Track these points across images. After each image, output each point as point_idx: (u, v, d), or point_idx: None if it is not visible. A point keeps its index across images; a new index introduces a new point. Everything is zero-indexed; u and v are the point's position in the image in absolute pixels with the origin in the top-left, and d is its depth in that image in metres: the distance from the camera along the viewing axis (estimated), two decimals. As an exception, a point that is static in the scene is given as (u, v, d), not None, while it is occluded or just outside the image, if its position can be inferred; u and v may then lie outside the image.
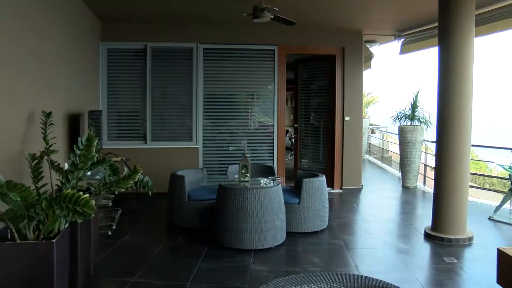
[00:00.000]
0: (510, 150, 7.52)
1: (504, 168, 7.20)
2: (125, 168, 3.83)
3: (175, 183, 6.06)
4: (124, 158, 7.37)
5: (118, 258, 4.90)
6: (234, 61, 8.56)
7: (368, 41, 10.04)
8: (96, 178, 5.02)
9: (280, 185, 5.54)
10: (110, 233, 5.64)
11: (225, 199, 5.25)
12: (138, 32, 8.19)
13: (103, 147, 7.65)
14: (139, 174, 3.64)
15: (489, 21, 7.20)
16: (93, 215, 2.91)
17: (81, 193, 2.92)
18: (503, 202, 6.99)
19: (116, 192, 4.14)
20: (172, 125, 8.50)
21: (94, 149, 3.62)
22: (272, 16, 5.75)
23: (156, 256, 4.98)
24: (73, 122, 6.13)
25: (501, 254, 4.18)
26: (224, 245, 5.24)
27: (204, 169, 7.08)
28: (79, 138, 3.63)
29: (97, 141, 3.70)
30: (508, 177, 7.05)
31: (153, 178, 6.33)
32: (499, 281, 4.22)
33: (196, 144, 8.39)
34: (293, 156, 11.09)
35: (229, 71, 8.54)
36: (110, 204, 6.50)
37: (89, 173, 4.96)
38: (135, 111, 8.41)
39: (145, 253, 5.03)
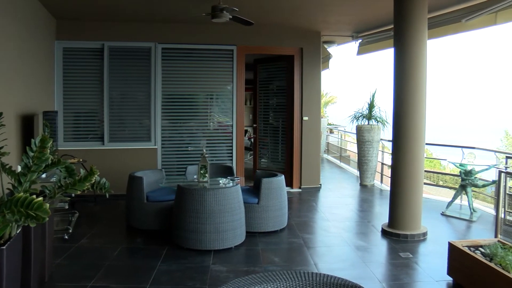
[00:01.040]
0: (461, 148, 7.79)
1: (455, 165, 7.44)
2: (82, 170, 3.74)
3: (133, 184, 5.98)
4: (81, 160, 7.21)
5: (74, 262, 4.77)
6: (193, 61, 8.50)
7: (326, 42, 10.17)
8: (51, 180, 4.89)
9: (239, 185, 5.55)
10: (66, 237, 5.50)
11: (184, 199, 5.21)
12: (95, 31, 8.00)
13: (59, 148, 7.46)
14: (96, 176, 3.57)
15: (441, 24, 7.45)
16: (47, 218, 2.83)
17: (34, 196, 2.83)
18: (454, 198, 7.25)
19: (73, 195, 4.04)
20: (131, 126, 8.36)
21: (49, 150, 3.51)
22: (231, 16, 5.75)
23: (115, 259, 4.89)
24: (27, 123, 5.94)
25: (451, 248, 4.38)
26: (183, 246, 5.21)
27: (163, 170, 7.01)
28: (33, 140, 3.52)
29: (51, 142, 3.59)
30: (459, 174, 7.30)
31: (111, 179, 6.20)
32: (449, 273, 4.43)
33: (155, 145, 8.29)
34: (252, 156, 11.12)
35: (188, 71, 8.47)
36: (67, 207, 6.35)
37: (44, 175, 4.83)
38: (92, 111, 8.23)
39: (103, 257, 4.93)
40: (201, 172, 5.81)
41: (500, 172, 5.55)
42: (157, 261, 4.80)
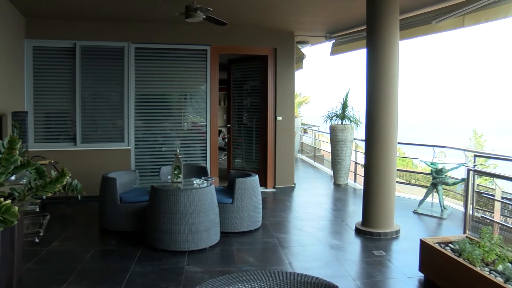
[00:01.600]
0: (432, 147, 7.94)
1: (427, 164, 7.58)
2: (53, 172, 3.65)
3: (107, 185, 5.90)
4: (52, 161, 7.08)
5: (45, 266, 4.67)
6: (166, 61, 8.44)
7: (300, 42, 10.23)
8: (21, 182, 4.78)
9: (213, 185, 5.54)
10: (37, 240, 5.38)
11: (157, 200, 5.17)
12: (66, 30, 7.86)
13: (30, 149, 7.31)
14: (68, 177, 3.51)
15: (412, 25, 7.58)
16: (16, 222, 2.77)
17: (1, 199, 2.77)
18: (425, 196, 7.39)
19: (44, 197, 3.95)
20: (103, 126, 8.24)
21: (18, 152, 3.43)
22: (205, 16, 5.73)
23: (87, 262, 4.82)
24: (-5, 124, 5.80)
25: (423, 245, 4.48)
26: (158, 247, 5.16)
27: (137, 170, 6.95)
28: (0, 141, 3.44)
29: (20, 143, 3.51)
30: (430, 172, 7.43)
31: (84, 181, 6.11)
32: (421, 269, 4.53)
33: (128, 146, 8.20)
34: (226, 156, 11.10)
35: (161, 71, 8.40)
36: (37, 209, 6.20)
37: (13, 177, 4.71)
38: (64, 112, 8.08)
39: (75, 260, 4.85)
40: (175, 172, 5.77)
41: (468, 170, 5.67)
42: (131, 263, 4.75)
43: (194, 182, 5.94)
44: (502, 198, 5.73)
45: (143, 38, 8.20)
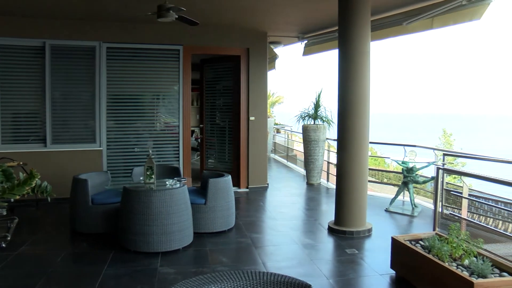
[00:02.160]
0: (403, 147, 8.07)
1: (398, 163, 7.70)
2: (22, 174, 3.57)
3: (78, 187, 5.80)
4: (21, 163, 6.92)
5: (13, 272, 4.55)
6: (139, 61, 8.33)
7: (272, 42, 10.26)
8: (-13, 185, 4.66)
9: (186, 186, 5.51)
10: (4, 245, 5.22)
11: (130, 201, 5.12)
12: (34, 28, 7.67)
13: (-4, 151, 7.13)
14: (37, 179, 3.45)
15: (383, 27, 7.69)
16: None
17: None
18: (397, 194, 7.51)
19: (12, 200, 3.88)
20: (74, 127, 8.08)
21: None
22: (177, 16, 5.69)
23: (58, 266, 4.72)
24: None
25: (394, 242, 4.56)
26: (130, 249, 5.11)
27: (109, 172, 6.85)
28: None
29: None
30: (401, 171, 7.55)
31: (54, 183, 6.00)
32: (392, 266, 4.61)
33: (100, 146, 8.07)
34: (199, 157, 11.05)
35: (134, 71, 8.30)
36: (5, 213, 6.07)
37: (-21, 179, 4.60)
38: (33, 112, 7.89)
39: (45, 264, 4.75)
40: (148, 173, 5.71)
41: (438, 168, 5.79)
42: (103, 265, 4.68)
43: (167, 182, 5.89)
44: (469, 195, 5.87)
45: (115, 38, 8.08)
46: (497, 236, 5.35)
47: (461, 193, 5.57)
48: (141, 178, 6.06)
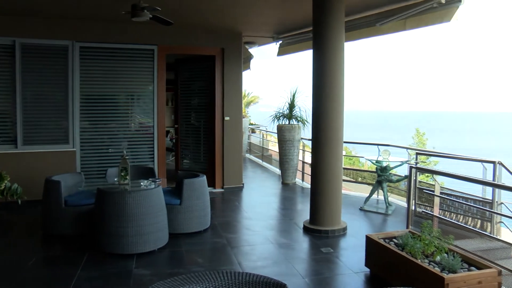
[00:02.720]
0: (377, 146, 8.18)
1: (372, 162, 7.79)
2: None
3: (50, 189, 5.69)
4: (-11, 165, 6.77)
5: (-18, 275, 4.43)
6: (113, 60, 8.22)
7: (247, 43, 10.27)
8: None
9: (160, 186, 5.47)
10: (-28, 249, 5.11)
11: (104, 203, 5.05)
12: (3, 26, 7.47)
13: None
14: (6, 181, 3.37)
15: (357, 27, 7.77)
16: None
17: None
18: (371, 193, 7.60)
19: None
20: (47, 128, 7.91)
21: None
22: (151, 16, 5.64)
23: (29, 270, 4.61)
24: None
25: (368, 240, 4.62)
26: (105, 251, 5.04)
27: (82, 173, 6.75)
28: None
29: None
30: (375, 170, 7.65)
31: (26, 185, 5.89)
32: (367, 264, 4.68)
33: (73, 147, 7.94)
34: (174, 157, 10.99)
35: (107, 71, 8.18)
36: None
37: None
38: (3, 112, 7.69)
39: (16, 268, 4.63)
40: (122, 174, 5.64)
41: (411, 167, 5.88)
42: (76, 268, 4.60)
43: (142, 183, 5.83)
44: (441, 193, 5.99)
45: (88, 37, 7.96)
46: (467, 232, 5.49)
47: (433, 191, 5.67)
48: (115, 179, 5.99)
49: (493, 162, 5.99)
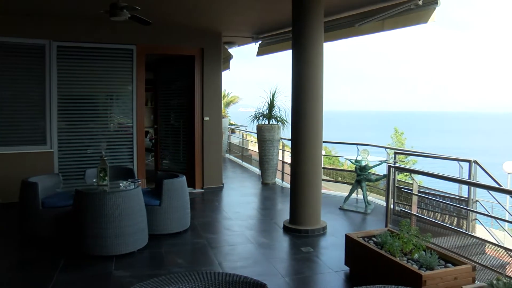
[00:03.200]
0: (355, 146, 8.25)
1: (351, 162, 7.86)
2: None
3: (27, 190, 5.60)
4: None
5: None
6: (91, 60, 8.10)
7: (227, 43, 10.26)
8: None
9: (140, 187, 5.43)
10: None
11: (83, 204, 5.00)
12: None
13: None
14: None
15: (336, 28, 7.83)
16: None
17: None
18: (350, 192, 7.67)
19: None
20: (23, 129, 7.76)
21: None
22: (130, 15, 5.58)
23: (5, 274, 4.53)
24: None
25: (348, 239, 4.67)
26: (84, 253, 4.98)
27: (60, 174, 6.65)
28: None
29: None
30: (355, 169, 7.72)
31: (2, 187, 5.78)
32: (346, 263, 4.72)
33: (51, 148, 7.82)
34: (153, 158, 10.92)
35: (86, 71, 8.06)
36: None
37: None
38: (-24, 113, 7.56)
39: (-9, 272, 4.55)
40: (101, 175, 5.58)
41: (389, 167, 5.94)
42: (54, 271, 4.53)
43: (121, 184, 5.77)
44: (419, 192, 6.07)
45: (65, 36, 7.84)
46: (444, 230, 5.59)
47: (411, 190, 5.75)
48: (94, 180, 5.92)
49: (469, 161, 6.10)
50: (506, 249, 4.77)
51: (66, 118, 7.99)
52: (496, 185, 5.55)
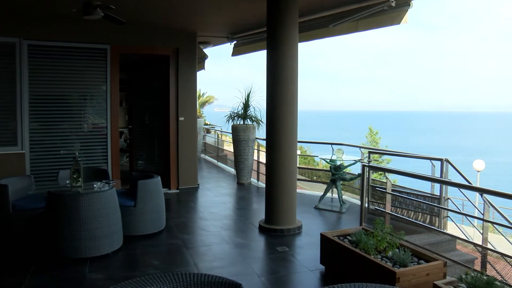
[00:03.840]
0: (330, 145, 8.32)
1: (326, 161, 7.92)
2: None
3: (-4, 193, 5.46)
4: None
5: None
6: (64, 60, 7.94)
7: (202, 43, 10.23)
8: None
9: (114, 188, 5.37)
10: None
11: (55, 206, 4.91)
12: None
13: None
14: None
15: (311, 28, 7.88)
16: None
17: None
18: (325, 192, 7.73)
19: None
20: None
21: None
22: (103, 14, 5.50)
23: (-25, 277, 4.43)
24: None
25: (323, 238, 4.71)
26: (56, 256, 4.89)
27: (32, 176, 6.51)
28: None
29: None
30: (329, 169, 7.78)
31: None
32: (322, 262, 4.76)
33: (22, 149, 7.66)
34: (128, 158, 10.82)
35: (59, 71, 7.90)
36: None
37: None
38: None
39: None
40: (74, 176, 5.50)
41: (363, 166, 6.02)
42: (25, 276, 4.43)
43: (95, 185, 5.69)
44: (393, 190, 6.16)
45: (37, 35, 7.66)
46: (417, 228, 5.70)
47: (385, 189, 5.83)
48: (67, 182, 5.83)
49: (441, 160, 6.21)
50: (475, 244, 4.88)
51: (38, 118, 7.83)
52: (466, 183, 5.67)
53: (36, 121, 7.80)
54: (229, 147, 13.82)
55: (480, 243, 4.53)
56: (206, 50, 11.09)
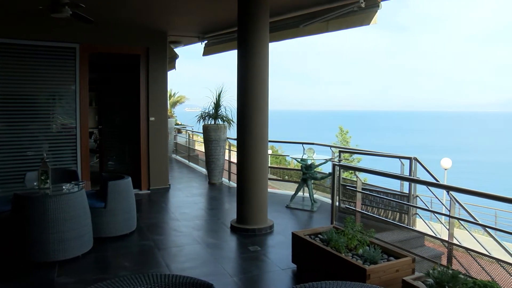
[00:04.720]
0: (301, 145, 8.38)
1: (297, 161, 7.98)
2: None
3: (-40, 195, 5.32)
4: None
5: None
6: (31, 59, 7.74)
7: (172, 42, 10.16)
8: None
9: (84, 189, 5.29)
10: None
11: (22, 209, 4.80)
12: None
13: None
14: None
15: (282, 28, 7.93)
16: None
17: None
18: (297, 191, 7.78)
19: None
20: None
21: None
22: (71, 12, 5.39)
23: None
24: None
25: (294, 237, 4.75)
26: (24, 260, 4.78)
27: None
28: None
29: None
30: (300, 168, 7.84)
31: None
32: (294, 260, 4.80)
33: (-14, 151, 7.46)
34: (98, 159, 10.67)
35: (25, 70, 7.70)
36: None
37: None
38: None
39: None
40: (42, 178, 5.38)
41: (334, 165, 6.08)
42: (-9, 279, 4.35)
43: (64, 187, 5.59)
44: (363, 189, 6.25)
45: (2, 33, 7.46)
46: (387, 225, 5.80)
47: (356, 187, 5.90)
48: (35, 184, 5.70)
49: (410, 158, 6.33)
50: (442, 240, 5.00)
51: (4, 119, 7.62)
52: (434, 181, 5.81)
53: (1, 122, 7.60)
54: (200, 147, 13.77)
55: (447, 239, 4.64)
56: (177, 50, 11.02)
